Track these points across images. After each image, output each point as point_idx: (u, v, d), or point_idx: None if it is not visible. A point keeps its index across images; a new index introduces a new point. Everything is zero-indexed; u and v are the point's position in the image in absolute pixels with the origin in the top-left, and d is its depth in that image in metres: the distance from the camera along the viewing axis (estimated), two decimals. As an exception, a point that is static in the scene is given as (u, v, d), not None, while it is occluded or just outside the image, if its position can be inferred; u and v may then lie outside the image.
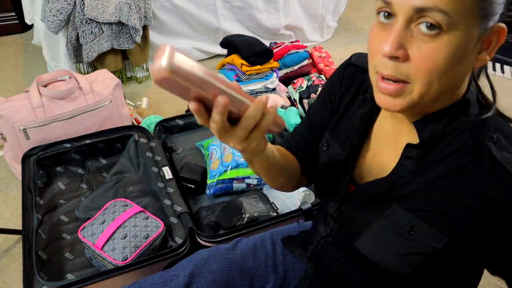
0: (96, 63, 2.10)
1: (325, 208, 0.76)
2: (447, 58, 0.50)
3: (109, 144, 1.45)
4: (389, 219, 0.61)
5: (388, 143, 0.66)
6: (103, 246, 1.04)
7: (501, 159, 0.54)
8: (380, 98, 0.56)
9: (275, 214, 1.16)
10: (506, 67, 2.42)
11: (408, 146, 0.61)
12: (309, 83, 2.01)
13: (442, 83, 0.53)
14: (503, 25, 0.52)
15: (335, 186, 0.71)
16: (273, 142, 1.48)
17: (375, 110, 0.68)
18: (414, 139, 0.61)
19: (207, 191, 1.29)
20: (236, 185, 1.29)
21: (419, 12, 0.49)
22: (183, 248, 1.07)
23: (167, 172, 1.28)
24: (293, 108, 1.88)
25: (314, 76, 2.09)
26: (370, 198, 0.65)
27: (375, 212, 0.63)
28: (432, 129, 0.58)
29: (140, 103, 1.87)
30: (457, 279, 0.64)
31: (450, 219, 0.57)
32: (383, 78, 0.54)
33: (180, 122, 1.56)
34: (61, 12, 1.86)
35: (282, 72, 2.24)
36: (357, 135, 0.69)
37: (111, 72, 1.71)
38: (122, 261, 1.02)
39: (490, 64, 2.32)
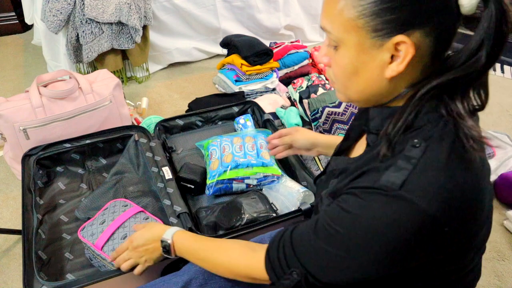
0: (96, 63, 2.10)
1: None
2: (345, 66, 0.60)
3: (109, 144, 1.45)
4: (329, 189, 0.70)
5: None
6: (103, 246, 1.03)
7: (394, 165, 0.56)
8: None
9: (274, 214, 1.16)
10: (506, 67, 2.42)
11: (368, 133, 0.69)
12: (309, 83, 2.01)
13: (356, 87, 0.62)
14: (401, 37, 0.54)
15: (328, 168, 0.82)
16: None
17: None
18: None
19: (207, 191, 1.29)
20: (236, 186, 1.30)
21: (324, 30, 0.61)
22: (182, 248, 1.07)
23: (167, 172, 1.28)
24: (293, 108, 1.88)
25: (314, 76, 2.09)
26: (332, 169, 0.74)
27: (325, 183, 0.74)
28: (379, 118, 0.65)
29: (140, 103, 1.87)
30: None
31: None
32: None
33: (180, 122, 1.56)
34: (61, 12, 1.86)
35: (282, 72, 2.24)
36: (356, 118, 0.81)
37: (111, 72, 1.71)
38: None
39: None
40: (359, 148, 0.76)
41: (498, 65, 2.45)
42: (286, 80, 2.20)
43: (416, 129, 0.57)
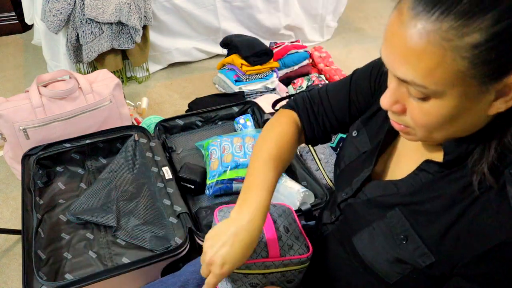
0: (96, 63, 2.10)
1: (335, 196, 0.77)
2: (440, 116, 0.51)
3: (109, 144, 1.44)
4: (388, 222, 0.62)
5: (412, 149, 0.66)
6: (280, 252, 0.76)
7: (511, 195, 0.50)
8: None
9: (274, 214, 1.16)
10: None
11: (427, 161, 0.60)
12: (309, 83, 2.01)
13: (445, 132, 0.53)
14: None
15: (351, 177, 0.72)
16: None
17: None
18: (436, 155, 0.60)
19: (207, 191, 1.29)
20: (236, 186, 1.30)
21: (403, 81, 0.50)
22: (182, 249, 1.07)
23: (167, 172, 1.28)
24: (293, 108, 1.88)
25: (314, 76, 2.09)
26: (376, 197, 0.66)
27: (378, 212, 0.64)
28: (457, 152, 0.56)
29: (140, 103, 1.87)
30: None
31: (444, 241, 0.56)
32: None
33: (180, 122, 1.56)
34: (61, 12, 1.86)
35: (282, 72, 2.24)
36: (383, 132, 0.69)
37: (111, 72, 1.71)
38: (308, 251, 0.76)
39: None
40: (397, 169, 0.68)
41: None
42: (286, 80, 2.20)
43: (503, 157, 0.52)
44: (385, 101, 0.55)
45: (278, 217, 0.78)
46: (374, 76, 0.73)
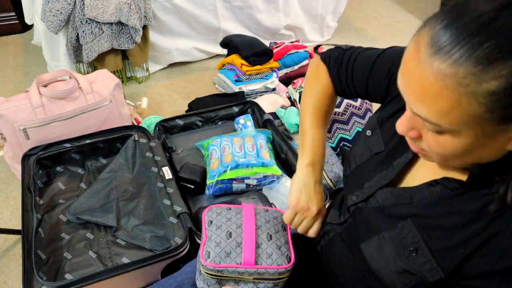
0: (96, 63, 2.10)
1: (344, 197, 0.76)
2: (454, 149, 0.50)
3: (109, 144, 1.45)
4: (399, 232, 0.61)
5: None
6: (256, 260, 0.73)
7: None
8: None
9: (274, 214, 1.16)
10: None
11: (447, 178, 0.58)
12: (309, 83, 2.01)
13: (461, 162, 0.52)
14: None
15: (363, 180, 0.71)
16: (272, 142, 1.48)
17: None
18: (456, 173, 0.58)
19: (207, 191, 1.29)
20: (236, 186, 1.30)
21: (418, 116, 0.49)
22: (182, 249, 1.07)
23: (167, 172, 1.28)
24: (293, 108, 1.88)
25: (314, 76, 2.09)
26: (389, 204, 0.64)
27: (389, 220, 0.63)
28: (483, 174, 0.54)
29: (140, 103, 1.87)
30: None
31: (455, 258, 0.55)
32: None
33: (180, 122, 1.56)
34: (61, 12, 1.86)
35: (282, 72, 2.24)
36: (399, 137, 0.67)
37: (111, 72, 1.71)
38: (288, 262, 0.74)
39: None
40: (413, 176, 0.66)
41: None
42: (286, 80, 2.20)
43: None
44: (401, 127, 0.54)
45: (265, 223, 0.76)
46: (391, 73, 0.71)
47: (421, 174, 0.63)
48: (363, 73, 0.76)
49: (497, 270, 0.51)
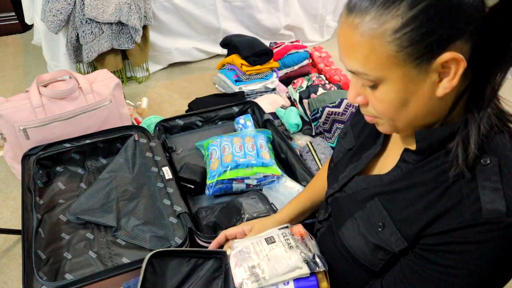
0: (96, 63, 2.10)
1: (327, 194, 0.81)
2: (391, 101, 0.56)
3: (109, 144, 1.44)
4: (367, 212, 0.65)
5: (395, 146, 0.70)
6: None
7: (480, 191, 0.53)
8: None
9: (274, 214, 1.16)
10: None
11: (406, 150, 0.63)
12: (309, 83, 2.01)
13: (406, 117, 0.58)
14: (448, 54, 0.50)
15: (338, 174, 0.77)
16: (272, 142, 1.48)
17: None
18: (413, 144, 0.62)
19: (207, 191, 1.29)
20: (236, 186, 1.29)
21: (353, 73, 0.57)
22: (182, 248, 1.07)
23: (167, 172, 1.28)
24: (293, 108, 1.88)
25: (314, 76, 2.09)
26: (361, 189, 0.69)
27: (360, 203, 0.67)
28: (429, 140, 0.59)
29: (140, 103, 1.87)
30: None
31: (415, 227, 0.58)
32: None
33: (180, 122, 1.56)
34: (61, 12, 1.86)
35: (282, 72, 2.24)
36: (368, 130, 0.75)
37: (111, 72, 1.71)
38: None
39: None
40: (384, 164, 0.71)
41: None
42: (286, 80, 2.20)
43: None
44: (349, 96, 0.61)
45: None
46: None
47: (389, 162, 0.69)
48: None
49: (447, 229, 0.54)
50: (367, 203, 0.66)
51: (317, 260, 0.76)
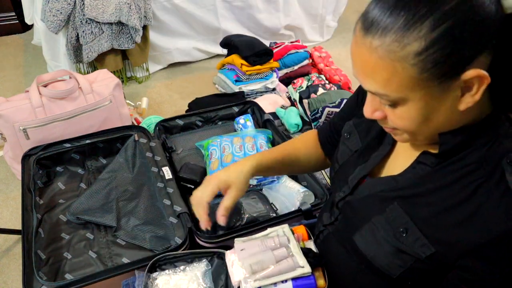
0: (96, 63, 2.10)
1: (333, 197, 0.78)
2: (412, 119, 0.55)
3: (109, 144, 1.44)
4: (387, 216, 0.63)
5: (406, 147, 0.68)
6: None
7: (511, 184, 0.52)
8: None
9: (274, 214, 1.16)
10: None
11: (424, 153, 0.62)
12: (309, 83, 2.01)
13: (428, 131, 0.57)
14: (472, 72, 0.49)
15: (347, 175, 0.74)
16: (272, 142, 1.48)
17: None
18: (432, 147, 0.61)
19: (207, 191, 1.29)
20: (236, 185, 1.29)
21: (372, 92, 0.56)
22: (182, 248, 1.07)
23: (167, 172, 1.28)
24: (293, 108, 1.88)
25: (314, 76, 2.09)
26: (375, 192, 0.67)
27: (377, 207, 0.65)
28: (453, 142, 0.57)
29: (140, 103, 1.87)
30: None
31: (442, 231, 0.57)
32: None
33: (180, 122, 1.56)
34: (61, 12, 1.86)
35: (282, 72, 2.24)
36: (375, 130, 0.73)
37: (111, 72, 1.71)
38: None
39: None
40: (394, 165, 0.69)
41: None
42: (286, 80, 2.20)
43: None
44: (366, 111, 0.60)
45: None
46: (358, 91, 0.81)
47: (400, 162, 0.67)
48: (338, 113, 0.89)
49: (491, 239, 0.52)
50: (385, 207, 0.63)
51: (314, 258, 0.76)
